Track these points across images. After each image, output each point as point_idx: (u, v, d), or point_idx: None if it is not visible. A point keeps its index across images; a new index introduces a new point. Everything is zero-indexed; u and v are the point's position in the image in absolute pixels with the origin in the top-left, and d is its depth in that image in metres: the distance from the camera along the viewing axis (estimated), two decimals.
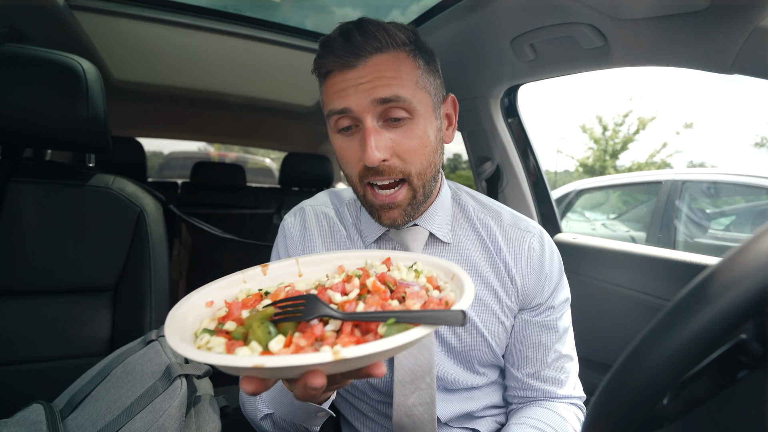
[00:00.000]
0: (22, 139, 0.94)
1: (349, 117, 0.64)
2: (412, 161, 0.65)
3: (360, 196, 0.71)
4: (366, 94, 0.62)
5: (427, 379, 0.70)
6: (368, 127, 0.62)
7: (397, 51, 0.64)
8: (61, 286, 0.95)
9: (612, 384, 0.34)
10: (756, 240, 0.30)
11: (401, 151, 0.64)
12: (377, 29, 0.63)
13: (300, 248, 0.79)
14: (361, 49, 0.62)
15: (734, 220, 3.03)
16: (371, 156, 0.61)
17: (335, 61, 0.63)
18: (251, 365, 0.35)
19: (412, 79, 0.64)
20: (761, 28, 0.70)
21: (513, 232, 0.78)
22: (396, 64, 0.63)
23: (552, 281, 0.76)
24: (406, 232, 0.74)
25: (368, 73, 0.62)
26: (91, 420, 0.64)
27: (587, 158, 14.99)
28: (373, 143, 0.61)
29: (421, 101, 0.65)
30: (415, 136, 0.65)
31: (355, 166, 0.66)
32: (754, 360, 0.30)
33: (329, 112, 0.65)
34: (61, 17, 1.22)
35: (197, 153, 6.45)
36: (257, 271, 0.57)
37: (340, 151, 0.68)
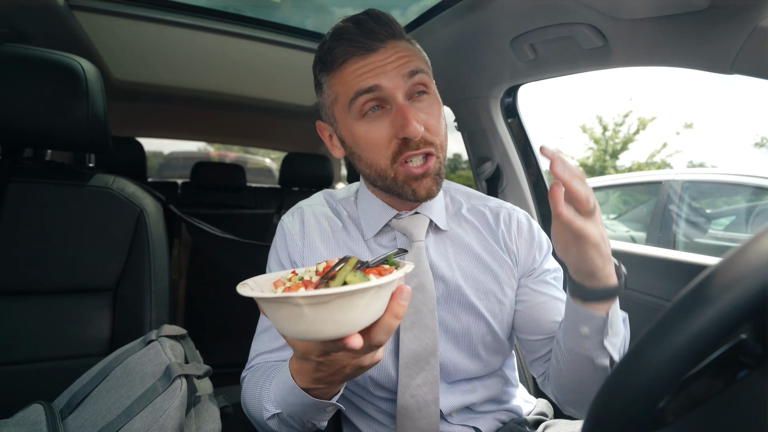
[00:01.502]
0: (22, 139, 0.94)
1: (376, 98, 0.66)
2: (437, 132, 0.70)
3: (389, 180, 0.71)
4: (395, 72, 0.65)
5: (431, 360, 0.72)
6: (402, 104, 0.66)
7: (407, 41, 0.71)
8: (61, 286, 0.95)
9: (612, 384, 0.34)
10: (756, 240, 0.30)
11: (428, 124, 0.68)
12: (387, 18, 0.68)
13: (300, 247, 0.80)
14: (379, 34, 0.66)
15: (734, 220, 3.03)
16: (415, 128, 0.64)
17: (354, 47, 0.66)
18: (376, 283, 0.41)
19: (425, 63, 0.71)
20: (761, 28, 0.70)
21: (501, 211, 0.84)
22: (410, 48, 0.70)
23: (542, 249, 0.82)
24: (410, 220, 0.76)
25: (391, 54, 0.66)
26: (91, 420, 0.64)
27: (587, 158, 14.99)
28: (414, 116, 0.64)
29: (431, 81, 0.72)
30: (436, 111, 0.70)
31: (386, 148, 0.68)
32: (754, 360, 0.30)
33: (356, 94, 0.66)
34: (61, 17, 1.22)
35: (197, 153, 6.45)
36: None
37: (367, 137, 0.68)
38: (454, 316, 0.76)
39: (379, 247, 0.78)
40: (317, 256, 0.78)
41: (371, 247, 0.78)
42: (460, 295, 0.76)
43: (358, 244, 0.79)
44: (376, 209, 0.78)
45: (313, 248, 0.79)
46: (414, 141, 0.66)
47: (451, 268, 0.77)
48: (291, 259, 0.80)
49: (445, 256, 0.78)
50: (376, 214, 0.78)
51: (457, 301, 0.76)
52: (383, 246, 0.78)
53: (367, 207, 0.80)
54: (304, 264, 0.79)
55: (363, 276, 0.46)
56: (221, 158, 6.92)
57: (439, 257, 0.78)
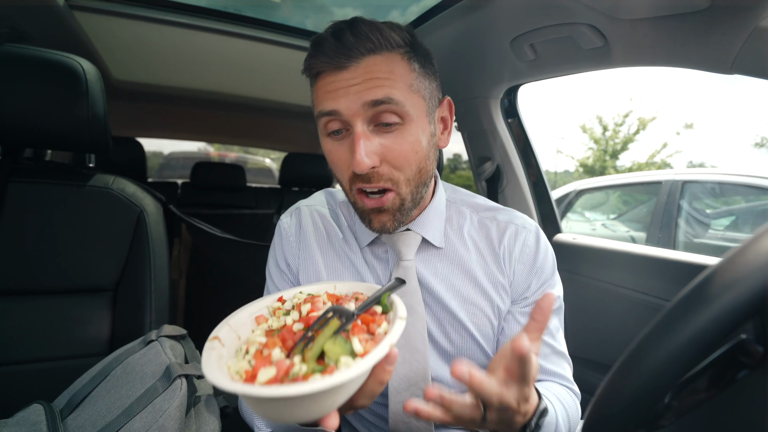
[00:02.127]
0: (22, 139, 0.94)
1: (338, 120, 0.62)
2: (402, 168, 0.63)
3: (351, 202, 0.70)
4: (357, 97, 0.59)
5: (422, 384, 0.69)
6: (357, 133, 0.60)
7: (391, 52, 0.62)
8: (61, 287, 0.95)
9: (612, 384, 0.34)
10: (756, 240, 0.30)
11: (391, 157, 0.62)
12: (370, 29, 0.60)
13: (295, 249, 0.79)
14: (353, 50, 0.59)
15: (734, 221, 3.03)
16: (360, 162, 0.59)
17: (326, 61, 0.61)
18: (369, 366, 0.39)
19: (406, 82, 0.62)
20: (761, 28, 0.70)
21: (509, 228, 0.77)
22: (389, 66, 0.61)
23: (541, 277, 0.75)
24: (399, 237, 0.72)
25: (360, 75, 0.60)
26: (91, 420, 0.64)
27: (587, 158, 14.99)
28: (363, 149, 0.59)
29: (414, 105, 0.63)
30: (406, 142, 0.62)
31: (345, 171, 0.65)
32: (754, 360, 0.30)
33: (318, 113, 0.64)
34: (61, 17, 1.22)
35: (197, 153, 6.46)
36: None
37: (330, 156, 0.66)
38: (446, 337, 0.73)
39: (374, 258, 0.76)
40: (312, 259, 0.77)
41: (365, 254, 0.76)
42: (452, 317, 0.73)
43: (354, 250, 0.77)
44: None
45: (308, 251, 0.78)
46: (365, 175, 0.62)
47: (444, 286, 0.74)
48: (286, 262, 0.79)
49: (439, 274, 0.74)
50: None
51: (449, 322, 0.73)
52: (378, 257, 0.76)
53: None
54: (299, 266, 0.78)
55: (344, 344, 0.43)
56: (221, 158, 6.92)
57: (431, 275, 0.74)
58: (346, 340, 0.44)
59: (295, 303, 0.54)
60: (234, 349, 0.47)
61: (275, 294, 0.58)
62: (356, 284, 0.60)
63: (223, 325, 0.49)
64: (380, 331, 0.47)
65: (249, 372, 0.41)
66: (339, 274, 0.76)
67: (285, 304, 0.55)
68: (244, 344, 0.47)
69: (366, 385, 0.45)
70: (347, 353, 0.42)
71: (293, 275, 0.79)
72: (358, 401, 0.46)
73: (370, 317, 0.49)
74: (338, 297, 0.56)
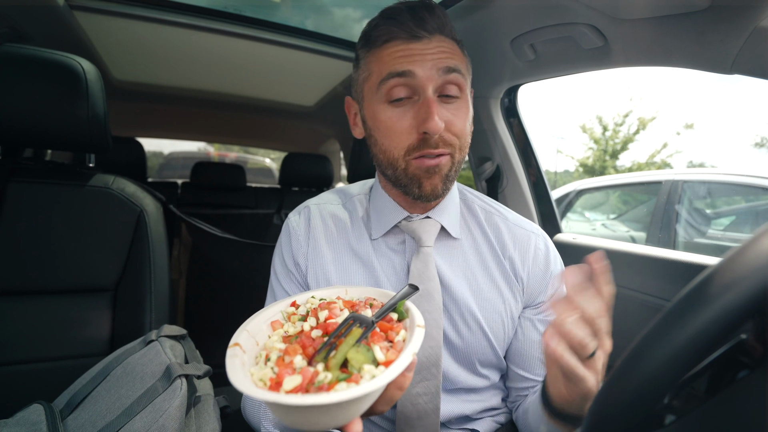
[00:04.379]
0: (22, 139, 0.94)
1: (407, 86, 0.66)
2: (460, 136, 0.69)
3: (399, 171, 0.70)
4: (432, 63, 0.65)
5: (434, 370, 0.71)
6: (430, 98, 0.65)
7: (453, 39, 0.69)
8: (61, 287, 0.95)
9: (612, 384, 0.33)
10: (756, 240, 0.30)
11: (452, 126, 0.67)
12: (442, 13, 0.68)
13: (304, 248, 0.79)
14: (428, 24, 0.66)
15: (734, 221, 3.03)
16: (436, 124, 0.63)
17: (402, 29, 0.66)
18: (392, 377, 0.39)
19: (465, 66, 0.70)
20: (761, 28, 0.70)
21: (519, 231, 0.79)
22: (453, 47, 0.68)
23: (555, 282, 0.77)
24: (419, 224, 0.74)
25: (433, 47, 0.66)
26: (91, 420, 0.64)
27: (587, 158, 14.99)
28: (438, 113, 0.64)
29: (467, 85, 0.71)
30: (463, 114, 0.69)
31: (405, 138, 0.67)
32: (754, 360, 0.30)
33: (388, 75, 0.66)
34: (61, 17, 1.22)
35: (197, 153, 6.45)
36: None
37: (389, 122, 0.68)
38: (455, 329, 0.74)
39: (388, 250, 0.77)
40: (321, 258, 0.77)
41: (377, 247, 0.77)
42: (466, 308, 0.74)
43: (364, 244, 0.77)
44: (388, 208, 0.77)
45: (317, 250, 0.78)
46: (433, 139, 0.66)
47: (458, 278, 0.75)
48: (295, 261, 0.79)
49: (454, 265, 0.76)
50: (387, 213, 0.76)
51: (460, 313, 0.74)
52: (391, 248, 0.76)
53: (379, 205, 0.78)
54: (308, 266, 0.78)
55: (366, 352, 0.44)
56: (221, 158, 6.92)
57: (447, 266, 0.75)
58: (368, 348, 0.44)
59: (309, 308, 0.55)
60: (253, 356, 0.48)
61: (288, 298, 0.58)
62: (368, 289, 0.60)
63: (241, 331, 0.50)
64: (398, 338, 0.48)
65: (273, 379, 0.41)
66: (349, 270, 0.76)
67: (299, 309, 0.55)
68: (262, 350, 0.48)
69: (386, 392, 0.46)
70: (370, 361, 0.43)
71: (301, 275, 0.79)
72: (378, 407, 0.47)
73: (387, 325, 0.49)
74: (353, 303, 0.56)
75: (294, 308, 0.56)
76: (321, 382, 0.40)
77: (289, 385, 0.39)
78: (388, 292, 0.57)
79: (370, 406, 0.46)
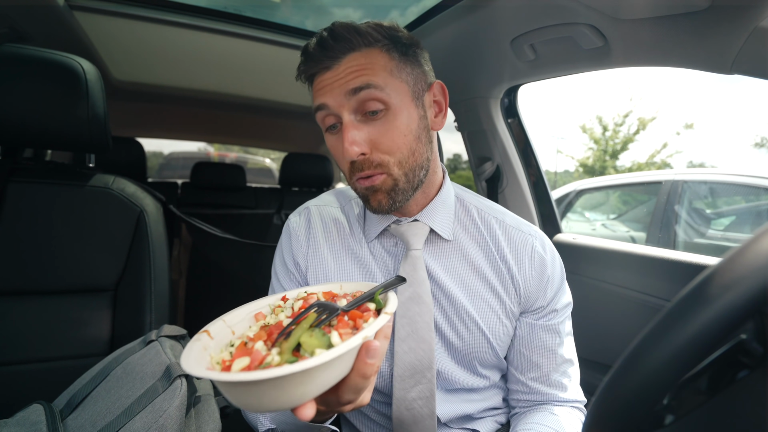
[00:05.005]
0: (22, 139, 0.94)
1: (331, 114, 0.67)
2: (392, 152, 0.66)
3: (354, 190, 0.73)
4: (339, 90, 0.64)
5: (428, 374, 0.70)
6: (345, 123, 0.65)
7: (369, 48, 0.66)
8: (61, 287, 0.95)
9: (612, 384, 0.33)
10: (756, 240, 0.30)
11: (380, 143, 0.65)
12: (347, 31, 0.65)
13: (304, 249, 0.79)
14: (333, 51, 0.65)
15: (734, 221, 3.03)
16: (348, 150, 0.63)
17: (313, 65, 0.67)
18: (345, 350, 0.39)
19: (386, 69, 0.65)
20: (761, 28, 0.70)
21: (516, 234, 0.78)
22: (368, 59, 0.65)
23: (554, 284, 0.76)
24: (407, 227, 0.74)
25: (342, 70, 0.65)
26: (91, 420, 0.64)
27: (587, 158, 14.99)
28: (350, 138, 0.64)
29: (396, 90, 0.66)
30: (393, 127, 0.65)
31: (343, 163, 0.69)
32: (754, 360, 0.30)
33: (315, 110, 0.69)
34: (61, 17, 1.22)
35: (197, 153, 6.45)
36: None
37: (331, 149, 0.71)
38: (454, 331, 0.74)
39: (383, 251, 0.77)
40: (321, 258, 0.78)
41: (374, 249, 0.77)
42: (462, 309, 0.74)
43: (361, 246, 0.78)
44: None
45: (317, 251, 0.79)
46: (357, 162, 0.66)
47: (453, 280, 0.75)
48: (295, 261, 0.79)
49: (448, 267, 0.76)
50: (376, 217, 0.77)
51: (458, 315, 0.74)
52: (386, 250, 0.77)
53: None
54: (307, 266, 0.78)
55: (321, 336, 0.43)
56: (221, 158, 6.92)
57: (440, 268, 0.75)
58: (324, 333, 0.43)
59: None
60: (224, 343, 0.48)
61: (280, 293, 0.58)
62: (362, 284, 0.60)
63: (217, 320, 0.50)
64: (365, 325, 0.46)
65: (226, 362, 0.42)
66: (348, 271, 0.77)
67: (286, 303, 0.55)
68: (237, 339, 0.48)
69: (349, 379, 0.44)
70: (324, 346, 0.42)
71: (301, 275, 0.80)
72: (344, 396, 0.45)
73: (358, 313, 0.48)
74: (334, 294, 0.56)
75: (283, 302, 0.56)
76: (268, 363, 0.40)
77: (237, 366, 0.40)
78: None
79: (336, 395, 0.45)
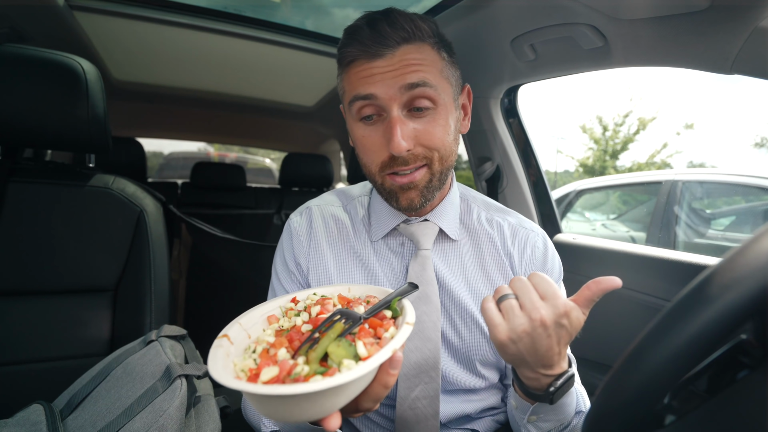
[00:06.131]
0: (23, 139, 0.94)
1: (373, 105, 0.65)
2: (435, 146, 0.66)
3: (377, 185, 0.71)
4: (393, 82, 0.63)
5: (432, 373, 0.70)
6: (394, 117, 0.63)
7: (423, 42, 0.65)
8: (61, 287, 0.95)
9: (612, 384, 0.33)
10: (756, 240, 0.30)
11: (425, 140, 0.65)
12: (405, 20, 0.65)
13: (306, 249, 0.79)
14: (389, 39, 0.63)
15: (734, 221, 3.03)
16: (398, 145, 0.62)
17: (362, 49, 0.64)
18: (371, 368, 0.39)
19: (437, 67, 0.66)
20: (761, 28, 0.70)
21: (519, 230, 0.80)
22: (422, 54, 0.65)
23: (553, 278, 0.77)
24: (417, 227, 0.74)
25: (396, 62, 0.63)
26: (91, 420, 0.64)
27: (587, 158, 14.98)
28: (399, 132, 0.62)
29: (444, 91, 0.67)
30: (438, 125, 0.66)
31: (377, 156, 0.67)
32: (754, 360, 0.30)
33: (354, 98, 0.66)
34: (61, 17, 1.22)
35: (197, 153, 6.45)
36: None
37: (362, 141, 0.68)
38: (455, 330, 0.74)
39: (388, 252, 0.77)
40: (322, 258, 0.77)
41: (378, 249, 0.77)
42: (464, 309, 0.74)
43: (364, 246, 0.78)
44: (386, 212, 0.77)
45: (319, 251, 0.78)
46: (401, 158, 0.65)
47: (457, 280, 0.75)
48: (296, 261, 0.79)
49: (452, 266, 0.76)
50: (384, 216, 0.77)
51: (459, 314, 0.74)
52: (392, 250, 0.77)
53: (378, 208, 0.79)
54: (309, 266, 0.78)
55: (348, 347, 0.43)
56: (221, 158, 6.92)
57: (445, 267, 0.76)
58: (350, 343, 0.44)
59: (307, 304, 0.55)
60: (243, 348, 0.48)
61: (289, 294, 0.58)
62: (370, 287, 0.60)
63: (233, 323, 0.50)
64: (387, 335, 0.47)
65: (253, 370, 0.41)
66: (349, 271, 0.77)
67: (298, 305, 0.55)
68: (253, 343, 0.48)
69: (371, 389, 0.45)
70: (351, 356, 0.42)
71: (302, 275, 0.79)
72: (363, 404, 0.46)
73: (378, 321, 0.49)
74: (349, 300, 0.56)
75: (293, 304, 0.56)
76: (297, 374, 0.40)
77: (266, 376, 0.40)
78: (390, 291, 0.57)
79: (355, 403, 0.46)
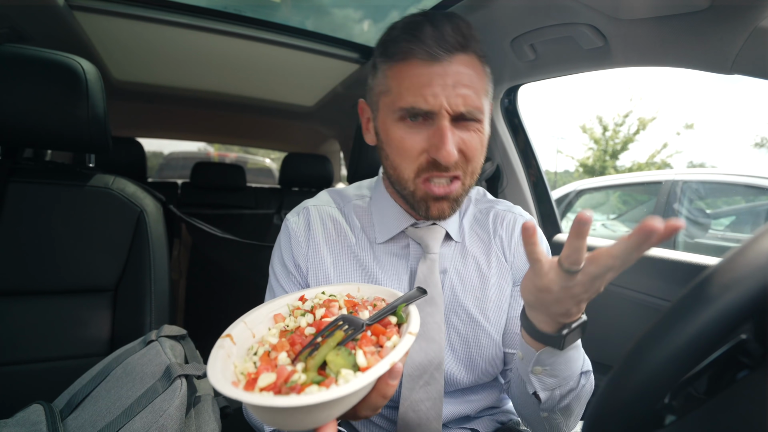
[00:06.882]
0: (23, 139, 0.94)
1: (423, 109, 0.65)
2: (472, 159, 0.67)
3: (407, 191, 0.69)
4: (450, 89, 0.61)
5: (436, 374, 0.70)
6: (444, 125, 0.62)
7: (475, 55, 0.65)
8: (61, 287, 0.95)
9: (612, 384, 0.33)
10: (756, 240, 0.30)
11: (466, 150, 0.66)
12: (468, 29, 0.64)
13: (304, 250, 0.78)
14: (449, 45, 0.62)
15: (734, 221, 3.03)
16: (448, 154, 0.62)
17: (423, 48, 0.61)
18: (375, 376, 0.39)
19: (483, 87, 0.67)
20: (761, 28, 0.70)
21: (507, 215, 0.82)
22: (474, 70, 0.64)
23: None
24: (426, 231, 0.75)
25: (453, 70, 0.62)
26: (91, 420, 0.64)
27: (587, 158, 14.98)
28: (453, 140, 0.62)
29: (486, 104, 0.68)
30: (477, 138, 0.67)
31: (415, 159, 0.66)
32: (754, 360, 0.30)
33: (406, 105, 0.64)
34: (61, 17, 1.22)
35: (197, 153, 6.45)
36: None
37: (401, 141, 0.66)
38: (453, 328, 0.75)
39: (388, 253, 0.76)
40: (321, 260, 0.77)
41: (377, 251, 0.76)
42: (463, 308, 0.75)
43: (364, 249, 0.77)
44: (394, 214, 0.76)
45: (317, 252, 0.77)
46: (444, 165, 0.64)
47: (457, 279, 0.76)
48: (295, 263, 0.78)
49: (453, 267, 0.77)
50: (392, 219, 0.76)
51: (457, 313, 0.75)
52: (393, 252, 0.76)
53: (383, 210, 0.78)
54: (308, 267, 0.77)
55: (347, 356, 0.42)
56: (221, 158, 6.92)
57: (447, 268, 0.77)
58: (350, 351, 0.43)
59: (314, 304, 0.54)
60: (246, 347, 0.48)
61: (298, 292, 0.58)
62: (380, 289, 0.60)
63: (238, 322, 0.49)
64: (388, 344, 0.46)
65: (252, 374, 0.41)
66: (348, 274, 0.76)
67: (305, 304, 0.55)
68: (256, 343, 0.47)
69: (369, 398, 0.45)
70: (349, 366, 0.42)
71: (301, 276, 0.78)
72: (362, 412, 0.46)
73: (381, 328, 0.48)
74: (355, 303, 0.55)
75: (301, 302, 0.55)
76: (294, 383, 0.39)
77: (263, 382, 0.39)
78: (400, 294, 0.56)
79: (354, 411, 0.45)
